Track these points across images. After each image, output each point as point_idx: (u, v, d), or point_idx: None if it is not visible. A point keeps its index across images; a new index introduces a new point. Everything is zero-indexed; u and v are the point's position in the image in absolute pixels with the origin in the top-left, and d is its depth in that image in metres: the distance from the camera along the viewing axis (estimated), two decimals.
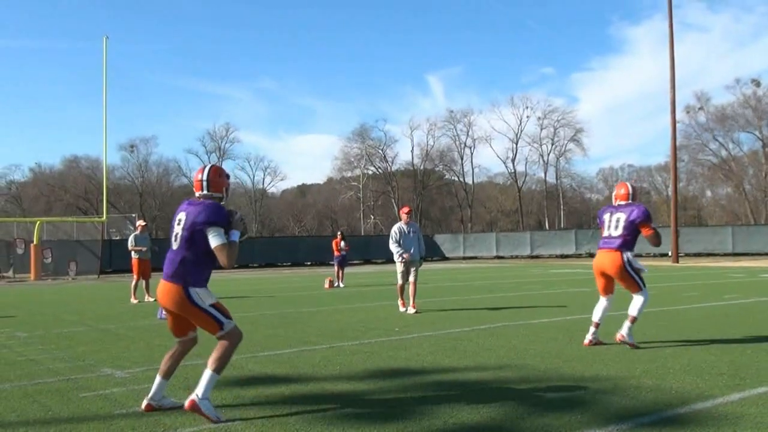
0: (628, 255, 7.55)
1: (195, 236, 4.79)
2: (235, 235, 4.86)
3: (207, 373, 4.77)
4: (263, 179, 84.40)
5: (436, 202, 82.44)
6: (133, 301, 15.35)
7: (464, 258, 50.13)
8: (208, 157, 78.33)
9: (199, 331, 5.17)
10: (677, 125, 37.86)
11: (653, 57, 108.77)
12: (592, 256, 45.44)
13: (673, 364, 6.47)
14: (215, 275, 5.49)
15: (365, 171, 78.97)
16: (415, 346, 8.05)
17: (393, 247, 11.90)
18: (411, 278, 11.93)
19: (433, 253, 50.40)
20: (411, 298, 11.92)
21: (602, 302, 7.91)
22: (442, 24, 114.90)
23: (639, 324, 8.72)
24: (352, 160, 79.08)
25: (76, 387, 6.01)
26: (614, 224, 7.66)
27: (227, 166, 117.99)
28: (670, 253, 37.00)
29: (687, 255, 41.54)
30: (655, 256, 40.70)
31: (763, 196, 67.85)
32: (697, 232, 46.03)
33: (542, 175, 79.53)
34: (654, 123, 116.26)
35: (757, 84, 67.70)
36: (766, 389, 5.36)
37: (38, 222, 32.91)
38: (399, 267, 11.99)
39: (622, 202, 7.83)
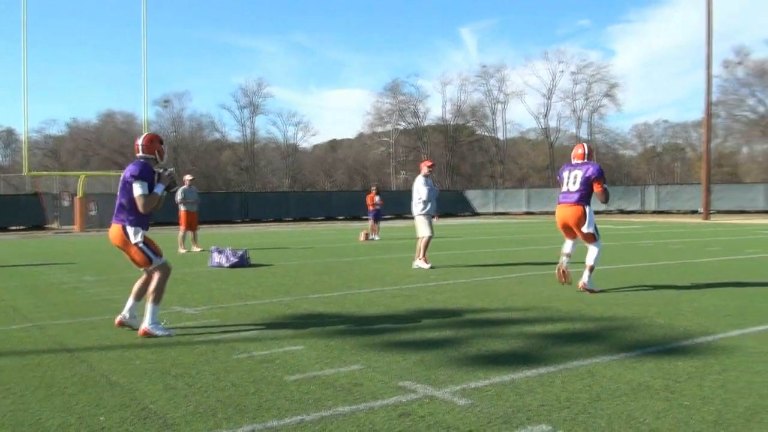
0: (587, 208, 8.49)
1: (126, 186, 6.07)
2: (159, 188, 6.12)
3: (148, 306, 6.06)
4: (295, 134, 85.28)
5: (467, 158, 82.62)
6: (181, 250, 16.29)
7: (495, 213, 50.68)
8: (241, 113, 79.20)
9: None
10: (714, 80, 37.67)
11: (693, 8, 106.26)
12: (622, 212, 45.76)
13: (684, 308, 7.15)
14: (253, 228, 6.31)
15: (396, 126, 79.32)
16: (450, 291, 8.82)
17: (420, 201, 11.89)
18: (432, 233, 12.01)
19: (463, 208, 51.01)
20: (424, 252, 11.93)
21: (568, 241, 9.00)
22: None
23: (659, 274, 9.37)
24: (384, 115, 79.42)
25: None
26: (572, 180, 8.58)
27: (259, 120, 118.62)
28: (701, 210, 37.19)
29: (719, 212, 41.63)
30: (686, 213, 40.92)
31: None
32: (729, 188, 45.95)
33: (575, 131, 79.19)
34: (692, 77, 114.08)
35: None
36: (763, 327, 6.04)
37: (82, 176, 34.09)
38: (426, 220, 11.96)
39: (579, 161, 8.71)
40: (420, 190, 11.93)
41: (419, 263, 11.80)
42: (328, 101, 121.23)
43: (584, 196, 8.47)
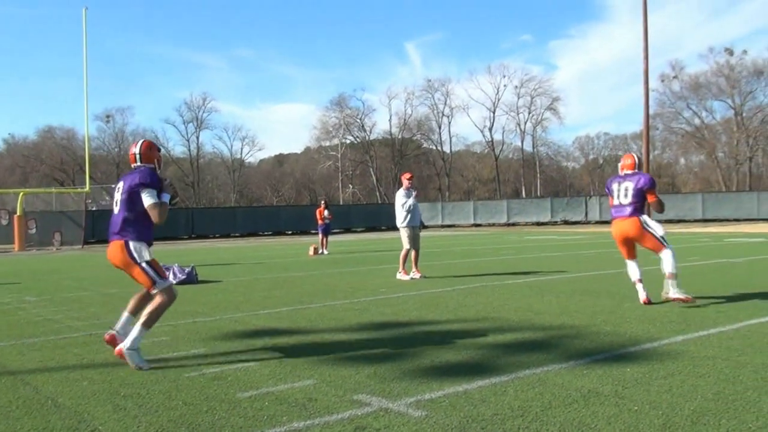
0: (644, 217, 8.10)
1: (132, 197, 5.51)
2: (166, 197, 5.63)
3: (137, 327, 5.43)
4: (241, 149, 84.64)
5: (413, 171, 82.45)
6: None
7: (443, 226, 51.08)
8: (186, 127, 78.36)
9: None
10: (652, 93, 38.83)
11: (631, 24, 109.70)
12: (567, 223, 46.64)
13: (630, 315, 7.33)
14: (200, 245, 6.21)
15: (343, 140, 79.47)
16: (401, 303, 8.84)
17: (401, 212, 12.01)
18: (416, 246, 12.10)
19: None
20: (415, 263, 12.19)
21: (631, 264, 8.49)
22: None
23: (606, 283, 9.57)
24: (330, 129, 79.62)
25: (101, 340, 6.68)
26: (623, 193, 8.18)
27: (204, 135, 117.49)
28: None
29: (659, 221, 42.66)
30: None
31: (734, 163, 69.44)
32: (668, 199, 47.23)
33: (519, 143, 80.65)
34: (630, 91, 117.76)
35: (730, 53, 68.97)
36: (705, 332, 6.22)
37: (21, 193, 33.17)
38: (407, 232, 12.01)
39: (629, 171, 8.29)
40: (399, 201, 12.08)
41: (399, 275, 11.95)
42: (274, 115, 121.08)
43: (638, 208, 8.10)
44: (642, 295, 8.20)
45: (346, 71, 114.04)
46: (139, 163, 5.78)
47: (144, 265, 5.49)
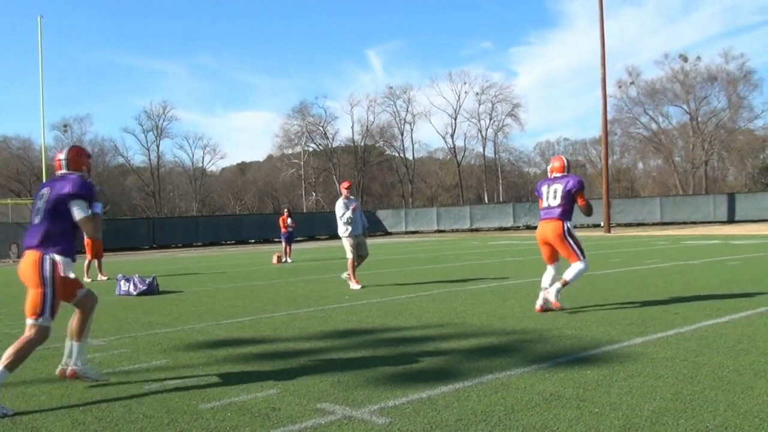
0: (568, 224, 8.08)
1: (59, 208, 4.85)
2: (98, 207, 4.98)
3: None
4: (202, 158, 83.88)
5: (377, 178, 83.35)
6: (86, 279, 15.69)
7: (406, 232, 51.22)
8: (146, 136, 77.42)
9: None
10: (610, 99, 39.52)
11: (589, 31, 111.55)
12: (529, 228, 47.10)
13: (591, 318, 7.43)
14: (162, 255, 6.11)
15: (306, 148, 79.27)
16: (365, 310, 8.84)
17: (341, 223, 11.83)
18: (362, 253, 12.03)
19: (375, 228, 51.33)
20: (350, 272, 11.93)
21: (549, 270, 8.39)
22: None
23: (566, 287, 9.67)
24: (293, 137, 79.33)
25: (59, 354, 6.55)
26: (552, 195, 8.17)
27: (165, 144, 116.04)
28: (602, 224, 38.74)
29: (618, 225, 43.52)
30: (588, 226, 42.50)
31: (691, 167, 70.89)
32: (628, 203, 48.17)
33: (481, 149, 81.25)
34: (589, 97, 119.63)
35: (685, 59, 70.54)
36: (663, 334, 6.33)
37: None
38: (349, 242, 11.89)
39: (558, 174, 8.30)
40: (338, 212, 11.88)
41: (351, 284, 11.78)
42: (236, 123, 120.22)
43: (566, 210, 8.06)
44: (538, 304, 8.16)
45: (307, 79, 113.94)
46: (65, 170, 5.15)
47: (47, 287, 4.77)
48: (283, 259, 21.23)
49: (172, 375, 5.43)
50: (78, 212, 4.84)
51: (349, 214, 11.74)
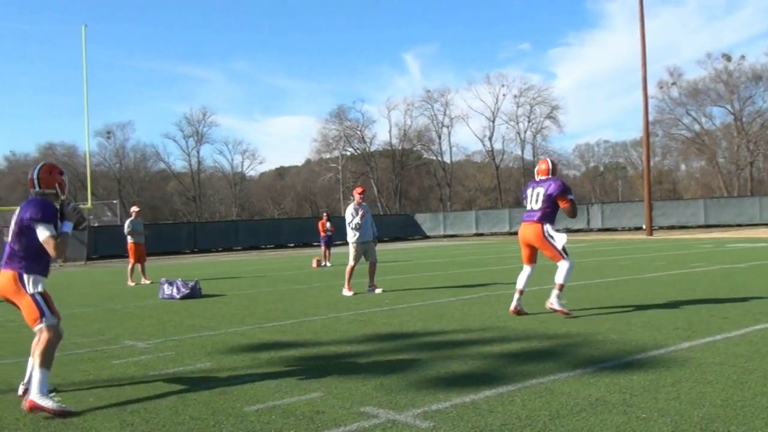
0: (547, 227, 8.11)
1: (23, 231, 4.93)
2: (68, 227, 5.03)
3: (36, 373, 4.73)
4: (242, 163, 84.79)
5: (415, 182, 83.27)
6: (130, 283, 15.97)
7: (444, 236, 51.07)
8: (186, 142, 78.50)
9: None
10: (651, 100, 38.92)
11: (628, 31, 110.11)
12: (568, 230, 46.55)
13: (636, 322, 7.32)
14: (203, 259, 6.17)
15: (344, 152, 79.54)
16: (406, 314, 8.83)
17: (349, 229, 11.80)
18: (370, 259, 11.93)
19: (413, 232, 51.32)
20: (371, 278, 12.04)
21: (526, 270, 8.48)
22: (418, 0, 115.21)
23: (609, 290, 9.55)
24: (331, 141, 79.64)
25: (106, 356, 6.71)
26: (535, 198, 8.20)
27: (205, 150, 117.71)
28: (644, 227, 38.13)
29: (661, 228, 42.75)
30: (629, 230, 41.95)
31: (735, 169, 69.43)
32: (670, 205, 47.30)
33: (519, 152, 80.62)
34: (629, 98, 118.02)
35: (728, 58, 69.09)
36: (711, 338, 6.21)
37: None
38: (354, 248, 11.78)
39: (543, 177, 8.33)
40: (348, 218, 11.86)
41: (344, 290, 11.68)
42: (274, 128, 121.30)
43: (547, 213, 8.10)
44: (512, 305, 8.30)
45: (344, 83, 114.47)
46: (37, 189, 5.14)
47: (37, 296, 4.93)
48: (323, 263, 21.34)
49: (217, 377, 5.50)
50: (40, 233, 4.88)
51: (357, 220, 11.69)
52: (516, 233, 8.87)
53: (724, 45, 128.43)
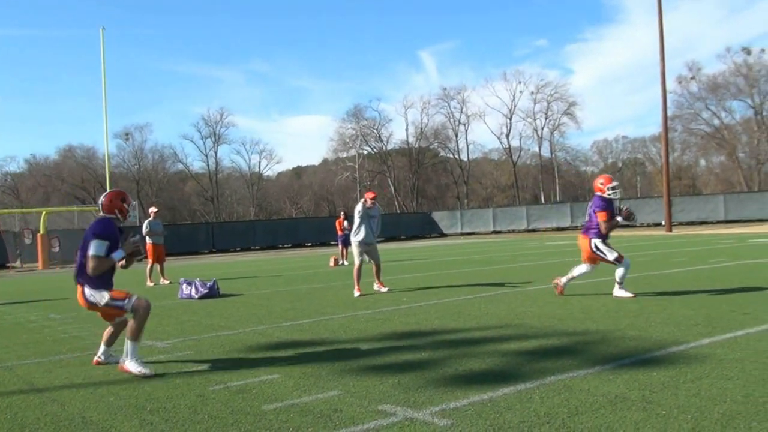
0: (595, 241, 8.96)
1: (85, 246, 5.78)
2: (119, 254, 5.81)
3: (128, 343, 5.76)
4: (259, 163, 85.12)
5: (432, 180, 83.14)
6: (149, 284, 16.08)
7: (462, 234, 50.95)
8: (204, 143, 78.86)
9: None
10: (670, 95, 38.59)
11: (646, 26, 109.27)
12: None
13: (655, 318, 7.26)
14: (221, 259, 6.23)
15: (360, 151, 79.61)
16: (423, 312, 8.83)
17: (353, 231, 11.99)
18: (373, 261, 12.02)
19: (431, 230, 51.26)
20: (377, 277, 12.21)
21: (583, 266, 9.45)
22: None
23: (628, 287, 9.47)
24: (347, 140, 79.71)
25: None
26: (587, 211, 9.17)
27: (223, 150, 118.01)
28: (663, 222, 37.83)
29: (680, 224, 42.40)
30: (648, 225, 41.61)
31: (756, 163, 68.63)
32: (690, 201, 46.86)
33: (537, 149, 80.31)
34: (647, 93, 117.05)
35: (748, 52, 68.20)
36: (732, 335, 6.15)
37: (44, 212, 33.54)
38: (358, 249, 11.84)
39: (597, 193, 9.26)
40: (355, 216, 11.94)
41: (354, 291, 11.60)
42: (291, 128, 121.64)
43: (591, 227, 9.04)
44: (558, 279, 9.67)
45: (361, 82, 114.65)
46: (101, 212, 6.06)
47: (108, 303, 5.85)
48: (340, 262, 21.36)
49: (235, 376, 5.52)
50: (91, 249, 5.72)
51: (358, 221, 11.77)
52: (533, 230, 9.23)
53: (744, 38, 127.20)
